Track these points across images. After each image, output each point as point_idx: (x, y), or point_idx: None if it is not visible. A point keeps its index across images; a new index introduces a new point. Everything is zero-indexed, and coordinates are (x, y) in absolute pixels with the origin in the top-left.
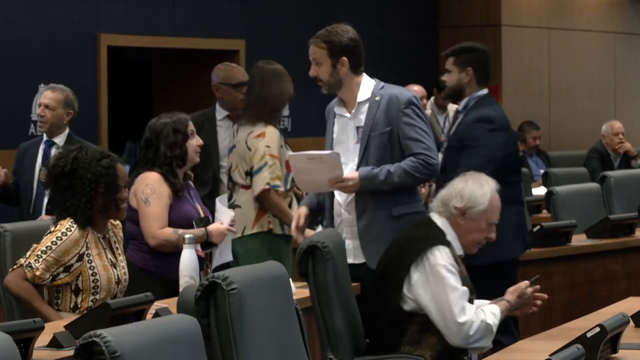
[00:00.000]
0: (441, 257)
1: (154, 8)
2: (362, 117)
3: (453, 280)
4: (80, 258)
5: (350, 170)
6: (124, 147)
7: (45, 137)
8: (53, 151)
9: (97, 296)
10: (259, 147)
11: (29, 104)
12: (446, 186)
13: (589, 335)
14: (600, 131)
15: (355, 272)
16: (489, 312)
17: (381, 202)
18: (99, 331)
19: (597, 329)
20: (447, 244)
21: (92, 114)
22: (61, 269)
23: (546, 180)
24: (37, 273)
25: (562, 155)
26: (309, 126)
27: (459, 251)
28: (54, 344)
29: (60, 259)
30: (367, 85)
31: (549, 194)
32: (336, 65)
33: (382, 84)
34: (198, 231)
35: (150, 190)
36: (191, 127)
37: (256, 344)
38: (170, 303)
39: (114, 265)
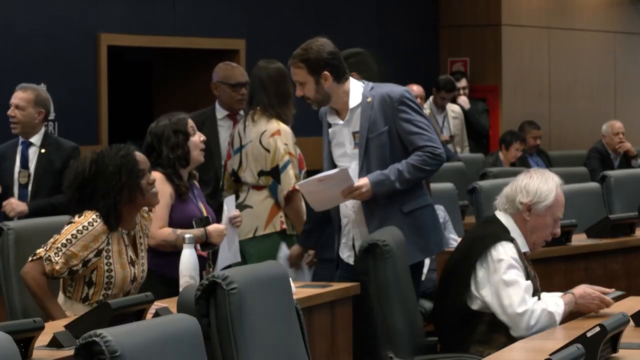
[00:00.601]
0: (504, 252)
1: (154, 8)
2: (357, 121)
3: (514, 274)
4: (99, 253)
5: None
6: None
7: (21, 139)
8: (31, 152)
9: (110, 292)
10: (277, 145)
11: None
12: (510, 182)
13: (589, 335)
14: (600, 131)
15: None
16: (551, 302)
17: (390, 200)
18: (99, 331)
19: (597, 329)
20: (511, 240)
21: (92, 114)
22: (80, 264)
23: None
24: (57, 267)
25: (562, 155)
26: (308, 126)
27: (524, 248)
28: (54, 343)
29: (80, 253)
30: (356, 90)
31: None
32: (319, 81)
33: (370, 84)
34: (197, 231)
35: None
36: (191, 124)
37: (256, 343)
38: (170, 303)
39: (132, 264)
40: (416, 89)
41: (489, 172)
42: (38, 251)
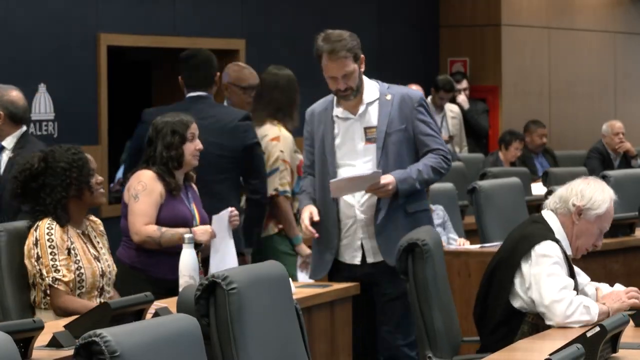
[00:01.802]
0: (549, 249)
1: (154, 7)
2: (371, 117)
3: (557, 269)
4: (69, 252)
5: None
6: (123, 147)
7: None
8: (3, 155)
9: (83, 290)
10: (272, 151)
11: (28, 104)
12: (566, 184)
13: (589, 335)
14: (600, 131)
15: (370, 270)
16: (589, 300)
17: (395, 199)
18: (98, 331)
19: (597, 329)
20: (556, 241)
21: (92, 114)
22: (72, 264)
23: (546, 180)
24: (66, 279)
25: (562, 154)
26: None
27: (568, 251)
28: (54, 343)
29: (67, 259)
30: (371, 86)
31: (549, 193)
32: (359, 66)
33: (385, 84)
34: (183, 230)
35: (141, 187)
36: (192, 130)
37: (256, 344)
38: (170, 303)
39: (97, 259)
40: (415, 88)
41: (488, 172)
42: (42, 285)
